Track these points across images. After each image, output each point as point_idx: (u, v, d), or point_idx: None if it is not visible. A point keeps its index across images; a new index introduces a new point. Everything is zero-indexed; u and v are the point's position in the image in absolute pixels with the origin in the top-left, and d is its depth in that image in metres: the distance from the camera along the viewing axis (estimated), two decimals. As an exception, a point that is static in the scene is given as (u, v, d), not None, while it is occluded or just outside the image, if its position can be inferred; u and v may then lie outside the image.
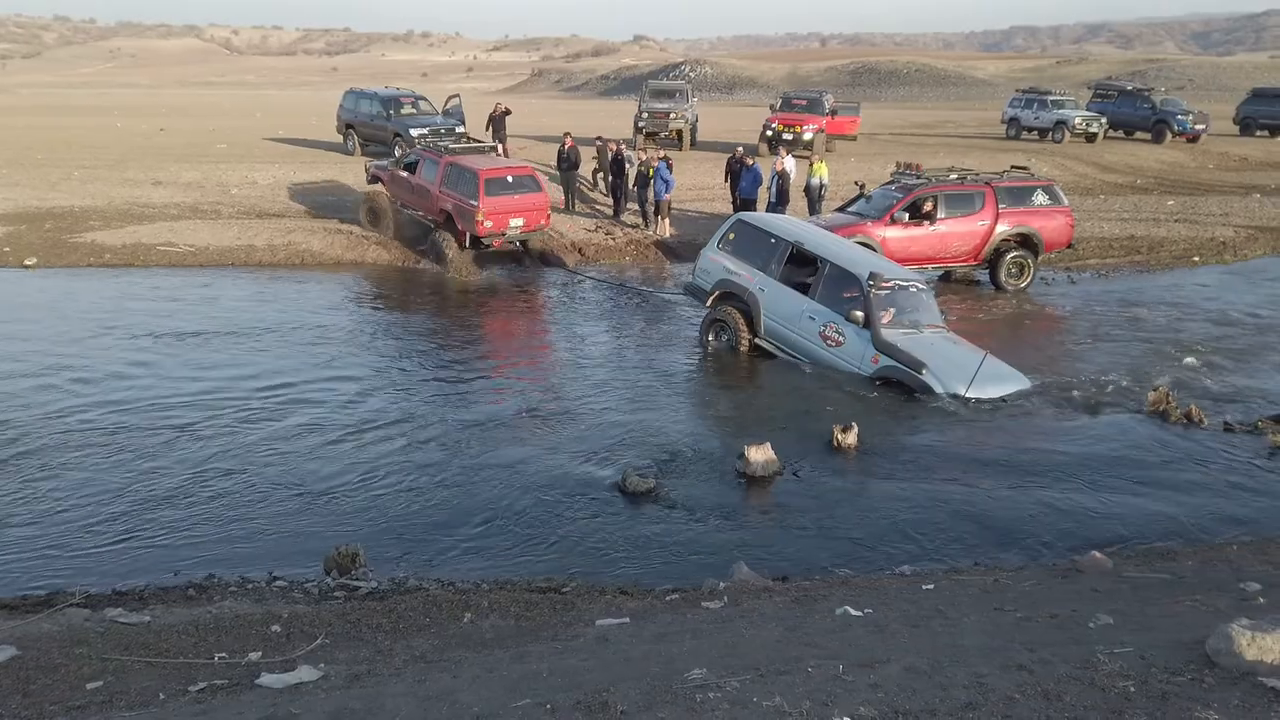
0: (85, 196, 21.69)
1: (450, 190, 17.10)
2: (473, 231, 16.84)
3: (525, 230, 17.41)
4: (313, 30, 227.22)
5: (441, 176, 17.30)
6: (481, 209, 16.51)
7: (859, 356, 11.02)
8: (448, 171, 17.23)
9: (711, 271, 12.73)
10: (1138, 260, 18.70)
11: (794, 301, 11.74)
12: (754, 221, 12.95)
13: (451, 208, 17.09)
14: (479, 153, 18.45)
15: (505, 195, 16.87)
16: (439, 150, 17.94)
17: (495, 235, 17.00)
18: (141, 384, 10.94)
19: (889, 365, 10.75)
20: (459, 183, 16.99)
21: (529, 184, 17.43)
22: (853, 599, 5.20)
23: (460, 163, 17.21)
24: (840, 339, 11.22)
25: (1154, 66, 78.49)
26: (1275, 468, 8.67)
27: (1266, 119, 37.15)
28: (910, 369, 10.57)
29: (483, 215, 16.55)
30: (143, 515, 7.69)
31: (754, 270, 12.19)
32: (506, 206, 16.89)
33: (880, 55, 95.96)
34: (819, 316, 11.44)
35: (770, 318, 11.94)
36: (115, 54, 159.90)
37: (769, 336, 12.01)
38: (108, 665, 4.66)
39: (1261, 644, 3.29)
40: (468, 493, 8.23)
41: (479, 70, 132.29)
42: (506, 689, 3.86)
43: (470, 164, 17.12)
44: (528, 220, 17.29)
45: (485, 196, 16.53)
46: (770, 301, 11.94)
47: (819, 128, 27.47)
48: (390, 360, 12.27)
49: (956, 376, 10.41)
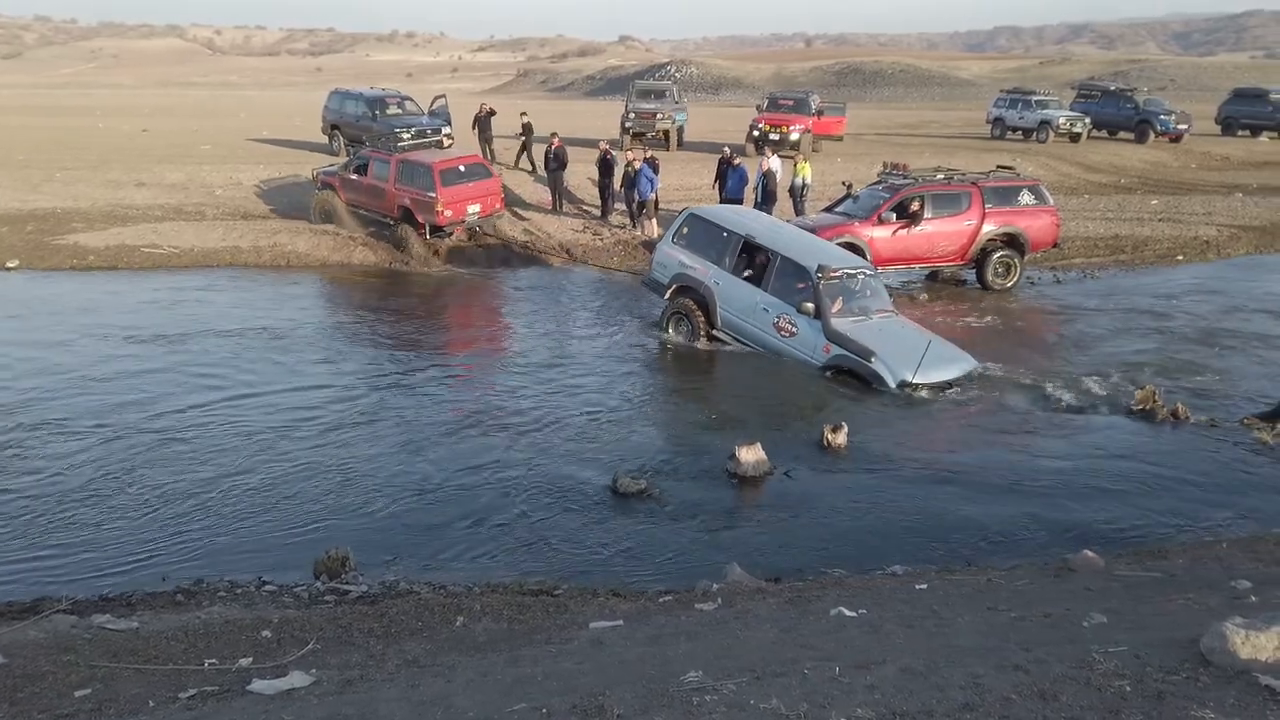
0: (68, 198, 21.49)
1: (405, 186, 17.82)
2: (433, 222, 17.59)
3: (482, 215, 18.25)
4: (296, 30, 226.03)
5: (395, 174, 17.94)
6: (440, 200, 17.27)
7: (812, 347, 11.28)
8: (400, 169, 17.90)
9: (668, 265, 12.92)
10: (1122, 259, 18.81)
11: (747, 294, 11.93)
12: (706, 215, 13.07)
13: (409, 202, 17.76)
14: (425, 147, 19.40)
15: (460, 184, 17.68)
16: (388, 150, 18.64)
17: (455, 223, 17.82)
18: (125, 387, 10.84)
19: (840, 354, 11.04)
20: (413, 178, 17.71)
21: (480, 171, 18.49)
22: (847, 600, 5.19)
23: (412, 159, 18.00)
24: (793, 330, 11.42)
25: (1136, 67, 79.09)
26: (1261, 464, 8.74)
27: (1248, 119, 37.44)
28: (860, 358, 10.86)
29: (441, 206, 17.31)
30: (129, 520, 7.62)
31: (708, 263, 12.35)
32: (462, 195, 17.70)
33: (865, 55, 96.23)
34: (772, 308, 11.65)
35: (726, 310, 12.12)
36: (97, 54, 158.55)
37: (726, 328, 12.22)
38: (96, 673, 4.60)
39: (1256, 642, 3.30)
40: (457, 495, 8.19)
41: (464, 71, 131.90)
42: (501, 693, 3.83)
43: (422, 159, 17.96)
44: (483, 205, 18.14)
45: (441, 188, 17.31)
46: (725, 294, 12.12)
47: (805, 128, 27.51)
48: (376, 361, 12.20)
49: (904, 362, 10.65)
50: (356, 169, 18.87)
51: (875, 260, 14.33)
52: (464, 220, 17.88)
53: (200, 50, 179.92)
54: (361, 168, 18.72)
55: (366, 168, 18.58)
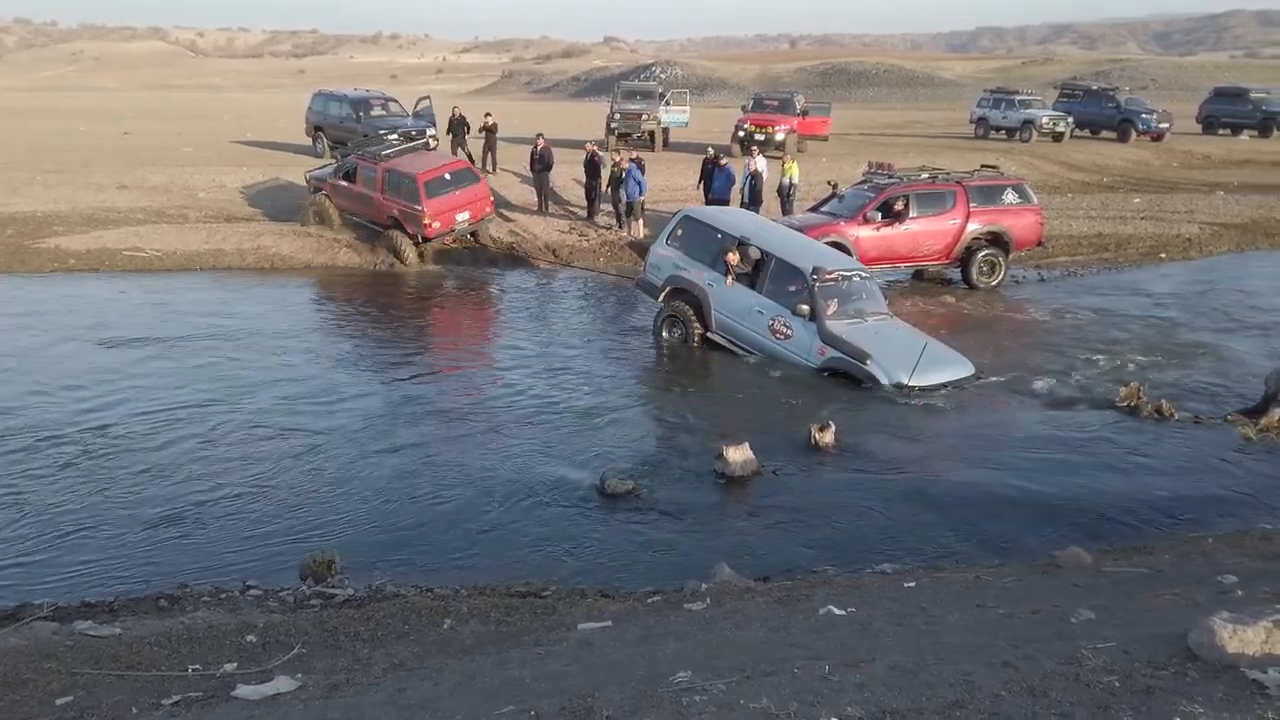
0: (49, 201, 21.26)
1: (393, 196, 17.31)
2: (422, 235, 17.17)
3: (473, 221, 17.79)
4: (280, 32, 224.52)
5: (381, 183, 17.42)
6: (426, 212, 16.79)
7: (807, 349, 11.24)
8: (387, 178, 17.37)
9: (661, 268, 12.86)
10: (1106, 257, 18.92)
11: (742, 296, 11.87)
12: (700, 217, 13.03)
13: (398, 213, 17.28)
14: (411, 152, 18.51)
15: (446, 194, 17.18)
16: (375, 157, 17.90)
17: (445, 234, 17.40)
18: (107, 391, 10.74)
19: (835, 357, 11.00)
20: (399, 188, 17.20)
21: (467, 177, 17.90)
22: (836, 598, 5.18)
23: (397, 168, 17.36)
24: (788, 332, 11.39)
25: (1118, 66, 79.59)
26: (1246, 460, 8.80)
27: (1228, 118, 37.79)
28: (855, 360, 10.83)
29: (429, 218, 16.84)
30: (112, 526, 7.54)
31: (703, 266, 12.29)
32: (450, 204, 17.21)
33: (849, 56, 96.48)
34: (767, 310, 11.61)
35: (720, 312, 12.08)
36: (78, 56, 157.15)
37: (720, 330, 12.16)
38: (78, 679, 4.55)
39: (1243, 636, 3.30)
40: (444, 497, 8.15)
41: (449, 72, 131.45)
42: (489, 696, 3.80)
43: (407, 168, 17.29)
44: (472, 212, 17.66)
45: (427, 199, 16.81)
46: (720, 296, 12.06)
47: (791, 128, 27.56)
48: (361, 363, 12.14)
49: (900, 365, 10.62)
50: (345, 175, 18.41)
51: (861, 260, 14.35)
52: (454, 229, 17.52)
53: (183, 52, 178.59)
54: (350, 174, 18.29)
55: (354, 174, 18.13)
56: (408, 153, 18.37)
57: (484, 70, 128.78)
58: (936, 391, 10.57)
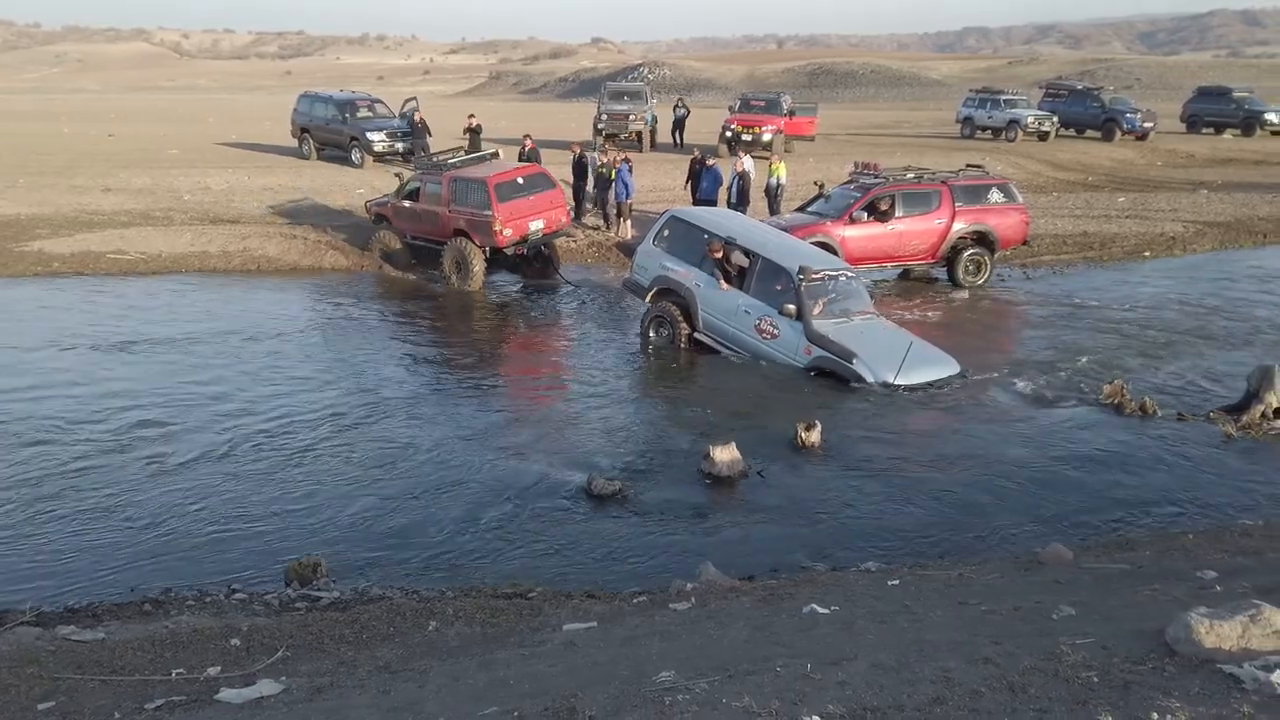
0: (32, 204, 21.14)
1: (460, 207, 15.98)
2: (492, 244, 15.80)
3: (547, 232, 16.50)
4: (266, 34, 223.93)
5: (448, 195, 16.10)
6: (498, 218, 15.48)
7: (794, 349, 11.27)
8: (454, 187, 16.06)
9: (649, 268, 12.86)
10: (1090, 256, 19.02)
11: (729, 296, 11.90)
12: (687, 218, 13.03)
13: (465, 224, 15.97)
14: (480, 161, 17.36)
15: (519, 199, 15.95)
16: (440, 168, 16.62)
17: (517, 243, 15.98)
18: (93, 394, 10.69)
19: (822, 356, 11.04)
20: (468, 196, 15.89)
21: (542, 183, 16.62)
22: (820, 597, 5.20)
23: (466, 175, 16.12)
24: (775, 332, 11.42)
25: (1102, 66, 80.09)
26: (1227, 457, 8.86)
27: (1212, 117, 38.03)
28: (841, 359, 10.88)
29: (500, 225, 15.50)
30: (96, 530, 7.51)
31: (690, 266, 12.30)
32: (523, 210, 15.92)
33: (836, 56, 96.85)
34: (754, 310, 11.64)
35: (707, 313, 12.09)
36: (61, 58, 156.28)
37: (707, 331, 12.17)
38: (60, 685, 4.53)
39: (1219, 631, 3.34)
40: (430, 499, 8.14)
41: (436, 73, 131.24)
42: (473, 697, 3.81)
43: (476, 174, 16.07)
44: (548, 221, 16.40)
45: (498, 204, 15.51)
46: (706, 297, 12.08)
47: (778, 128, 27.63)
48: (346, 367, 12.10)
49: (886, 364, 10.68)
50: (408, 195, 17.03)
51: (847, 259, 14.39)
52: (527, 238, 16.03)
53: (168, 54, 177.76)
54: (413, 194, 16.91)
55: (418, 193, 16.79)
56: (473, 162, 17.18)
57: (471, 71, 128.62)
58: (922, 390, 10.62)
